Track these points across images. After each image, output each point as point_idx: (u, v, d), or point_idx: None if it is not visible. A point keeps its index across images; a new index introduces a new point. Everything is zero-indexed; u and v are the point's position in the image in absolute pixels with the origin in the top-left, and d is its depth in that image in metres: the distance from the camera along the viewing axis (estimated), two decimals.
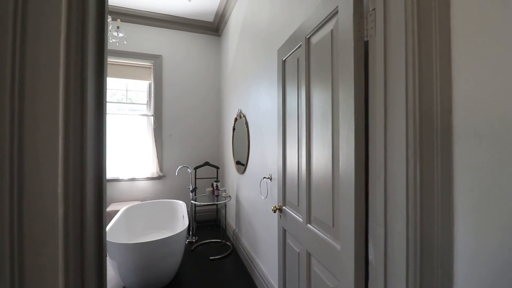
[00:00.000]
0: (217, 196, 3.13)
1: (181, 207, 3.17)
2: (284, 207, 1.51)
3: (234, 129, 3.12)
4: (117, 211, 3.26)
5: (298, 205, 1.33)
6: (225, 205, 3.14)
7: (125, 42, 2.34)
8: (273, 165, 1.97)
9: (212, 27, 4.06)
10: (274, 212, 1.54)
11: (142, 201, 3.83)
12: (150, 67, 3.93)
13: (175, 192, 4.00)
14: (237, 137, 3.06)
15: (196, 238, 3.35)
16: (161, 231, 3.22)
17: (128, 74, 3.87)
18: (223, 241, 3.16)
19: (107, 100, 3.90)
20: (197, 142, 4.13)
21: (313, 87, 1.17)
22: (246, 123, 2.67)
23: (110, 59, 3.76)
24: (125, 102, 3.93)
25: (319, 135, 1.12)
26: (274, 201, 1.95)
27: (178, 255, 2.37)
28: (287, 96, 1.48)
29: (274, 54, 1.92)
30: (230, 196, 3.10)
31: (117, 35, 2.18)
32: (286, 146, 1.49)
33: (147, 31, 3.88)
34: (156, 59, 3.90)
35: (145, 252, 2.09)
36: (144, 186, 3.90)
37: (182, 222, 2.87)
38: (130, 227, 3.03)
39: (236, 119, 3.03)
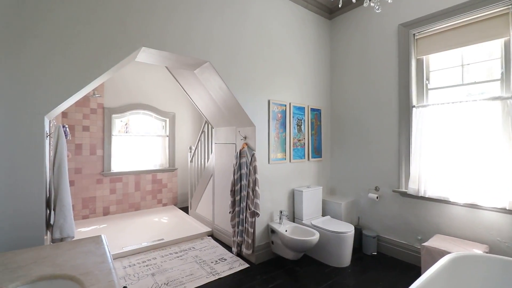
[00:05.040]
0: None
1: None
2: None
3: None
4: (442, 252, 2.15)
5: None
6: None
7: None
8: None
9: None
10: None
11: (488, 248, 2.27)
12: (508, 12, 2.16)
13: None
14: None
15: None
16: None
17: (466, 38, 2.44)
18: None
19: (435, 86, 2.78)
20: None
21: None
22: None
23: (437, 27, 2.60)
24: (461, 84, 2.55)
25: None
26: None
27: None
28: None
29: None
30: None
31: None
32: None
33: None
34: None
35: None
36: (494, 221, 2.28)
37: None
38: None
39: None
